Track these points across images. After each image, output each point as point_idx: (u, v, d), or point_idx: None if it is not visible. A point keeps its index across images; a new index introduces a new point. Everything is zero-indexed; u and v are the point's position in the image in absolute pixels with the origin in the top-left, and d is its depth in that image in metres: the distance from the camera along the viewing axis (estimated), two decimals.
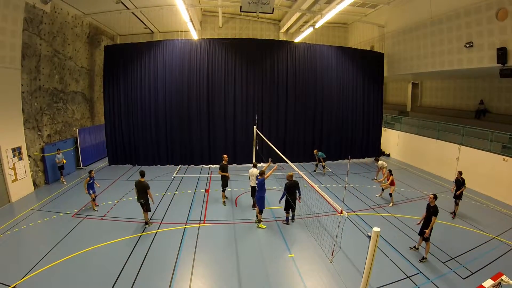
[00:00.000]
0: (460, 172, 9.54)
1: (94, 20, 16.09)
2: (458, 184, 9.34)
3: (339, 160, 16.75)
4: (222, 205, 10.15)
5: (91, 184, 9.43)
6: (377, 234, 3.90)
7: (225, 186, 10.27)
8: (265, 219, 8.82)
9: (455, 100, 17.03)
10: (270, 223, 8.78)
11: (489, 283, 4.08)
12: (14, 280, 5.85)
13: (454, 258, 6.99)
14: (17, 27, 9.89)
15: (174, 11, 14.62)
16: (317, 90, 16.23)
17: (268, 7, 12.59)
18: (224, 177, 10.14)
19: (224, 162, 10.22)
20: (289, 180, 8.45)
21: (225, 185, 10.26)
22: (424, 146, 15.37)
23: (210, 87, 15.09)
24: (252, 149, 13.45)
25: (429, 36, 14.04)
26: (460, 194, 9.29)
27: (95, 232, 8.04)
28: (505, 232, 8.37)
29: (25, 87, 10.97)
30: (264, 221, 8.69)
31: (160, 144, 15.20)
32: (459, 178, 9.38)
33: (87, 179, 9.32)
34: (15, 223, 8.48)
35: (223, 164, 10.15)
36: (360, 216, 9.33)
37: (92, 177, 9.43)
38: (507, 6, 10.17)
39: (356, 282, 5.61)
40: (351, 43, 22.89)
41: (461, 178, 9.34)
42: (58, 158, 11.91)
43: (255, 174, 9.04)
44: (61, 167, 12.11)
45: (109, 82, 14.82)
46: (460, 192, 9.28)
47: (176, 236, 7.94)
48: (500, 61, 10.53)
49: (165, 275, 6.20)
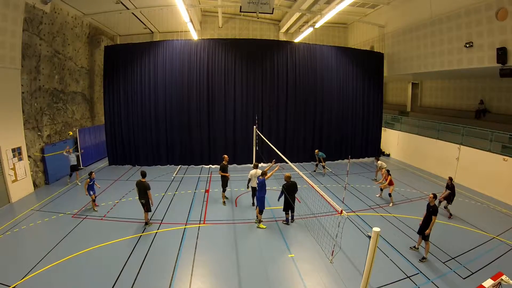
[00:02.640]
0: (451, 178, 9.42)
1: (94, 20, 16.09)
2: (449, 190, 9.29)
3: (339, 160, 16.74)
4: (222, 205, 10.15)
5: (91, 185, 9.42)
6: (377, 234, 3.90)
7: (225, 186, 10.27)
8: (265, 219, 8.82)
9: (455, 100, 17.02)
10: (270, 223, 8.78)
11: (489, 283, 4.07)
12: (14, 280, 5.85)
13: (454, 258, 6.99)
14: (17, 27, 9.90)
15: (174, 11, 14.61)
16: (317, 90, 16.23)
17: (268, 7, 12.60)
18: (224, 177, 10.14)
19: (225, 162, 10.23)
20: (287, 181, 8.44)
21: (225, 185, 10.27)
22: (424, 146, 15.37)
23: (210, 87, 15.09)
24: (252, 149, 13.46)
25: (429, 36, 14.03)
26: (448, 197, 9.27)
27: (95, 232, 8.03)
28: (505, 232, 8.37)
29: (25, 87, 10.97)
30: (264, 221, 8.69)
31: (160, 144, 15.19)
32: (449, 184, 9.30)
33: (87, 181, 9.30)
34: (15, 223, 8.49)
35: (224, 164, 10.15)
36: (360, 216, 9.33)
37: (92, 179, 9.42)
38: (507, 6, 10.16)
39: (356, 282, 5.61)
40: (351, 43, 22.88)
41: (451, 184, 9.27)
42: (71, 157, 11.90)
43: (256, 175, 9.04)
44: (74, 166, 12.04)
45: (109, 82, 14.82)
46: (446, 195, 9.28)
47: (176, 236, 7.94)
48: (500, 61, 10.53)
49: (165, 275, 6.20)
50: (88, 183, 9.30)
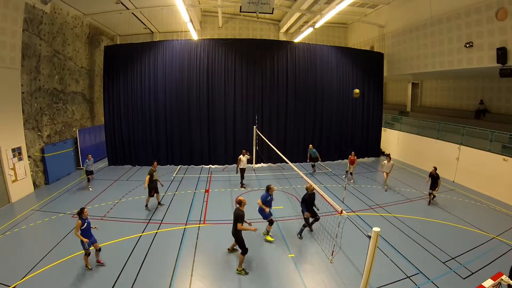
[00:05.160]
0: (435, 168, 10.21)
1: (94, 20, 16.10)
2: (433, 178, 10.09)
3: (339, 160, 16.75)
4: (222, 205, 10.15)
5: (86, 229, 6.19)
6: (377, 234, 3.91)
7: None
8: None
9: (455, 100, 17.02)
10: None
11: (489, 283, 4.07)
12: (14, 280, 5.86)
13: (454, 258, 6.99)
14: (17, 27, 9.90)
15: (174, 12, 14.61)
16: (317, 90, 16.23)
17: (268, 7, 12.60)
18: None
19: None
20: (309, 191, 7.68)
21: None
22: (424, 146, 15.37)
23: (210, 87, 15.09)
24: (252, 149, 13.47)
25: (429, 36, 14.04)
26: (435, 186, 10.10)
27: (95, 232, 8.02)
28: (505, 232, 8.37)
29: (25, 87, 10.97)
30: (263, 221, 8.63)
31: (160, 144, 15.19)
32: (433, 173, 10.06)
33: (79, 223, 6.07)
34: (15, 223, 8.49)
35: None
36: (360, 216, 9.33)
37: (84, 219, 6.18)
38: (507, 6, 10.17)
39: (356, 282, 5.61)
40: (351, 43, 22.89)
41: (435, 174, 10.03)
42: (88, 164, 11.34)
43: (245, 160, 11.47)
44: (90, 171, 11.49)
45: (109, 83, 14.81)
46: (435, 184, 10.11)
47: (176, 236, 7.94)
48: (500, 61, 10.54)
49: (165, 275, 6.20)
50: (79, 226, 6.07)
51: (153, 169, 9.59)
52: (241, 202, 6.43)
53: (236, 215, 6.32)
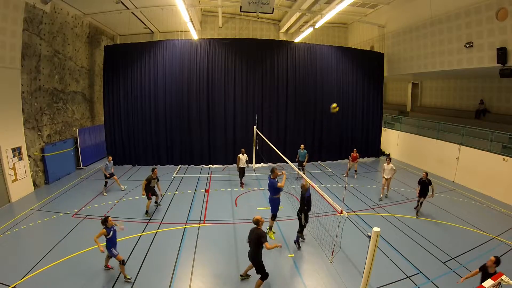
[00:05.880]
0: (426, 173, 9.32)
1: (94, 20, 16.09)
2: (423, 185, 9.18)
3: (339, 160, 16.75)
4: (222, 205, 10.15)
5: (112, 239, 5.83)
6: (377, 234, 3.90)
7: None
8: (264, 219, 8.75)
9: (455, 100, 17.03)
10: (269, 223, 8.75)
11: (489, 283, 4.08)
12: (14, 280, 5.85)
13: (454, 258, 6.99)
14: (17, 27, 9.89)
15: (174, 11, 14.61)
16: (317, 90, 16.23)
17: (268, 7, 12.59)
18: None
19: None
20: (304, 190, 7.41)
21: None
22: (424, 146, 15.37)
23: (210, 87, 15.08)
24: (252, 149, 13.47)
25: (429, 36, 14.04)
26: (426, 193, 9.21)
27: (95, 232, 7.88)
28: (504, 232, 8.38)
29: (25, 87, 10.96)
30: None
31: (160, 144, 15.19)
32: (424, 179, 9.17)
33: (103, 231, 5.72)
34: (15, 223, 8.48)
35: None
36: (360, 216, 9.33)
37: (110, 228, 5.83)
38: (507, 6, 10.17)
39: (356, 282, 5.61)
40: (351, 43, 22.88)
41: (426, 179, 9.15)
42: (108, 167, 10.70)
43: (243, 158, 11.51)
44: (111, 174, 10.89)
45: (109, 82, 14.81)
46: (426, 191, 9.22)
47: (176, 236, 7.94)
48: (500, 61, 10.54)
49: (165, 275, 6.20)
50: (103, 234, 5.72)
51: (153, 176, 9.02)
52: (258, 222, 5.59)
53: (257, 236, 5.44)
